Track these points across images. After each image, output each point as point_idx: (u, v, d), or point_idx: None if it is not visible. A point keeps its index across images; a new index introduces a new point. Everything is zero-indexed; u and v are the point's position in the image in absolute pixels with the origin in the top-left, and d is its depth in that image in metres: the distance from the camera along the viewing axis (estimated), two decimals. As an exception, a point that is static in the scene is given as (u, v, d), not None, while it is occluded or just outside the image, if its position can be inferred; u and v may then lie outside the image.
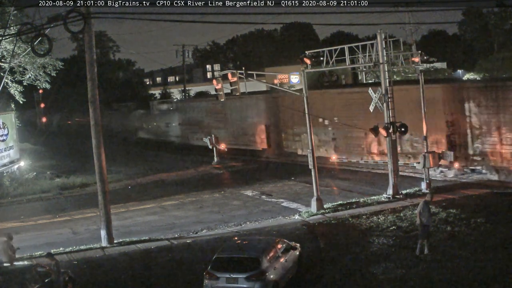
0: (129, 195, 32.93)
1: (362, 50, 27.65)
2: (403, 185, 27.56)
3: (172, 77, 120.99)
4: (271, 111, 41.88)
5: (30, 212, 30.22)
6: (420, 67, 27.74)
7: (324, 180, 30.84)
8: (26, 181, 36.93)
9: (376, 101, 26.35)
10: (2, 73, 34.21)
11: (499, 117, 27.71)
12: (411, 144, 31.38)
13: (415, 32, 64.52)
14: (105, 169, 23.24)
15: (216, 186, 33.50)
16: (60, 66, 37.08)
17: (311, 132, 25.99)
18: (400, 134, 26.52)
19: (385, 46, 26.31)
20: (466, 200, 24.48)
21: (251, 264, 15.82)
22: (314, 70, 28.60)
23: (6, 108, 41.40)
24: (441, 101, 30.30)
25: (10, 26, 31.75)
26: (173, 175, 38.56)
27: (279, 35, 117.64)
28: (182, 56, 75.76)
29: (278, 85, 43.11)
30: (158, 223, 25.86)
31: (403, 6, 53.75)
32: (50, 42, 22.74)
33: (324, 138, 36.85)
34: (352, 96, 34.92)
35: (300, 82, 29.18)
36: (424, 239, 18.19)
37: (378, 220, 22.52)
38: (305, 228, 22.81)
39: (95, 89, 22.83)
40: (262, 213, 26.28)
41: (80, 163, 43.72)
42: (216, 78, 27.78)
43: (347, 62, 28.29)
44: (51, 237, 24.69)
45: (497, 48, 77.44)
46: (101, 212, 23.01)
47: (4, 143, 37.43)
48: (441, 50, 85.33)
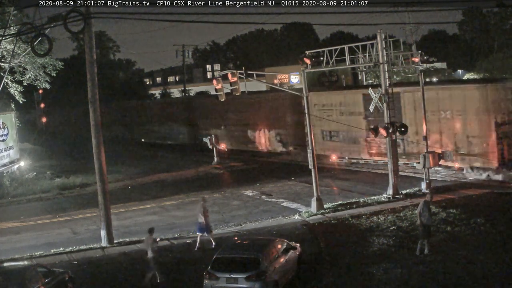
0: (129, 195, 32.93)
1: (362, 50, 27.67)
2: (403, 185, 27.57)
3: (172, 77, 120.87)
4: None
5: (30, 212, 30.21)
6: (420, 67, 27.73)
7: (324, 180, 30.86)
8: (26, 181, 36.94)
9: (376, 101, 26.39)
10: (2, 73, 34.25)
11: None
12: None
13: (415, 32, 64.47)
14: (105, 169, 23.23)
15: (216, 186, 33.50)
16: (60, 66, 37.07)
17: (311, 132, 25.98)
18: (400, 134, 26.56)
19: (385, 46, 26.31)
20: (466, 200, 24.48)
21: (251, 264, 15.81)
22: (314, 70, 28.60)
23: (6, 108, 41.38)
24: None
25: (10, 26, 31.78)
26: (173, 175, 38.57)
27: (279, 35, 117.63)
28: (182, 56, 75.79)
29: (278, 85, 43.22)
30: (158, 223, 25.82)
31: (403, 6, 53.68)
32: (50, 42, 22.75)
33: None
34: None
35: (300, 82, 29.18)
36: (425, 239, 18.19)
37: (378, 220, 22.53)
38: (305, 228, 22.81)
39: (95, 89, 22.82)
40: (262, 213, 26.28)
41: (80, 163, 43.73)
42: (216, 78, 27.76)
43: (347, 62, 28.29)
44: (51, 237, 24.69)
45: (497, 48, 77.34)
46: (101, 212, 23.00)
47: (4, 143, 37.43)
48: (441, 50, 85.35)
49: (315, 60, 26.74)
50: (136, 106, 63.96)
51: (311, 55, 26.54)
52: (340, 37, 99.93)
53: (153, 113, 59.51)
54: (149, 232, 18.41)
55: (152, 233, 18.37)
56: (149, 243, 18.12)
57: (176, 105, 57.51)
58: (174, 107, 56.89)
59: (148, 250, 18.03)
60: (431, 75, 61.29)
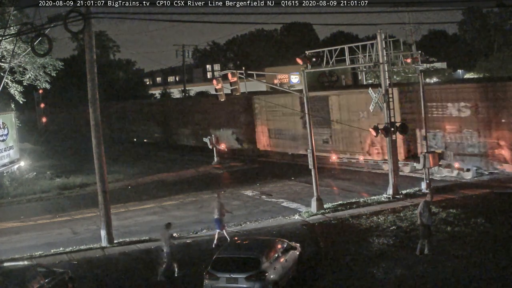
0: (129, 195, 32.93)
1: (362, 50, 27.65)
2: (403, 185, 27.57)
3: (172, 77, 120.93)
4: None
5: (30, 212, 30.21)
6: (420, 67, 27.71)
7: (324, 180, 30.88)
8: (26, 181, 36.93)
9: (376, 101, 26.41)
10: (2, 73, 34.25)
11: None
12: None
13: (415, 32, 64.47)
14: (105, 169, 23.24)
15: (216, 186, 33.50)
16: (60, 66, 37.09)
17: (311, 132, 25.99)
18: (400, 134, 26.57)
19: (385, 46, 26.30)
20: (466, 200, 24.48)
21: (251, 264, 15.82)
22: (314, 70, 28.59)
23: (6, 108, 41.40)
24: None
25: (10, 26, 31.79)
26: (173, 175, 38.58)
27: (279, 35, 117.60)
28: (182, 56, 75.77)
29: (278, 85, 43.33)
30: (158, 223, 25.78)
31: (403, 6, 53.71)
32: (50, 42, 22.77)
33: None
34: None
35: (300, 82, 29.18)
36: (425, 239, 18.19)
37: (378, 220, 22.53)
38: (305, 228, 22.82)
39: (95, 89, 22.81)
40: (262, 213, 26.29)
41: (80, 163, 43.72)
42: (216, 78, 27.76)
43: (347, 62, 28.27)
44: (51, 237, 24.69)
45: (497, 48, 77.38)
46: (101, 212, 23.00)
47: (4, 143, 37.44)
48: (441, 50, 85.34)
49: (315, 60, 26.70)
50: (116, 108, 65.14)
51: (311, 55, 26.52)
52: (340, 37, 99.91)
53: (132, 113, 63.65)
54: (166, 227, 18.72)
55: (169, 228, 18.70)
56: (165, 237, 18.41)
57: (153, 107, 61.90)
58: (151, 108, 61.12)
59: (164, 245, 18.33)
60: (431, 75, 61.32)
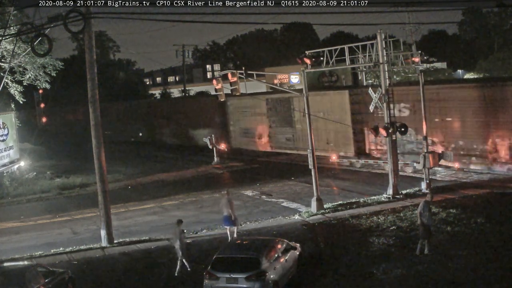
0: (129, 195, 32.93)
1: (362, 50, 27.65)
2: (403, 185, 27.57)
3: (172, 77, 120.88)
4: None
5: (30, 212, 30.21)
6: (420, 67, 27.71)
7: (324, 180, 30.88)
8: (26, 181, 36.93)
9: (376, 101, 26.42)
10: (2, 73, 34.24)
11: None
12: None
13: (415, 32, 64.54)
14: (105, 169, 23.23)
15: (216, 186, 33.50)
16: (60, 66, 37.07)
17: (311, 132, 25.99)
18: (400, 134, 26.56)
19: (385, 46, 26.30)
20: (466, 200, 24.47)
21: (251, 264, 15.82)
22: (314, 70, 28.57)
23: (6, 108, 41.39)
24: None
25: (10, 26, 31.77)
26: (173, 175, 38.58)
27: (279, 35, 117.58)
28: (182, 56, 75.74)
29: (278, 85, 43.39)
30: (158, 223, 25.85)
31: (403, 6, 53.76)
32: (50, 42, 22.75)
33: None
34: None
35: (300, 82, 29.18)
36: (425, 239, 18.19)
37: (378, 220, 22.53)
38: (305, 228, 22.82)
39: (95, 89, 22.81)
40: (262, 213, 26.28)
41: (80, 163, 43.70)
42: (216, 78, 27.75)
43: (347, 62, 28.26)
44: (51, 237, 24.69)
45: (497, 48, 77.44)
46: (101, 212, 23.00)
47: (4, 143, 37.43)
48: (441, 50, 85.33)
49: (315, 60, 26.71)
50: (105, 108, 65.98)
51: (311, 55, 26.52)
52: (340, 37, 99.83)
53: (120, 114, 65.57)
54: (177, 223, 18.92)
55: (180, 224, 18.89)
56: (177, 234, 18.61)
57: (139, 107, 64.26)
58: (137, 109, 63.59)
59: (176, 241, 18.56)
60: (431, 75, 61.31)
